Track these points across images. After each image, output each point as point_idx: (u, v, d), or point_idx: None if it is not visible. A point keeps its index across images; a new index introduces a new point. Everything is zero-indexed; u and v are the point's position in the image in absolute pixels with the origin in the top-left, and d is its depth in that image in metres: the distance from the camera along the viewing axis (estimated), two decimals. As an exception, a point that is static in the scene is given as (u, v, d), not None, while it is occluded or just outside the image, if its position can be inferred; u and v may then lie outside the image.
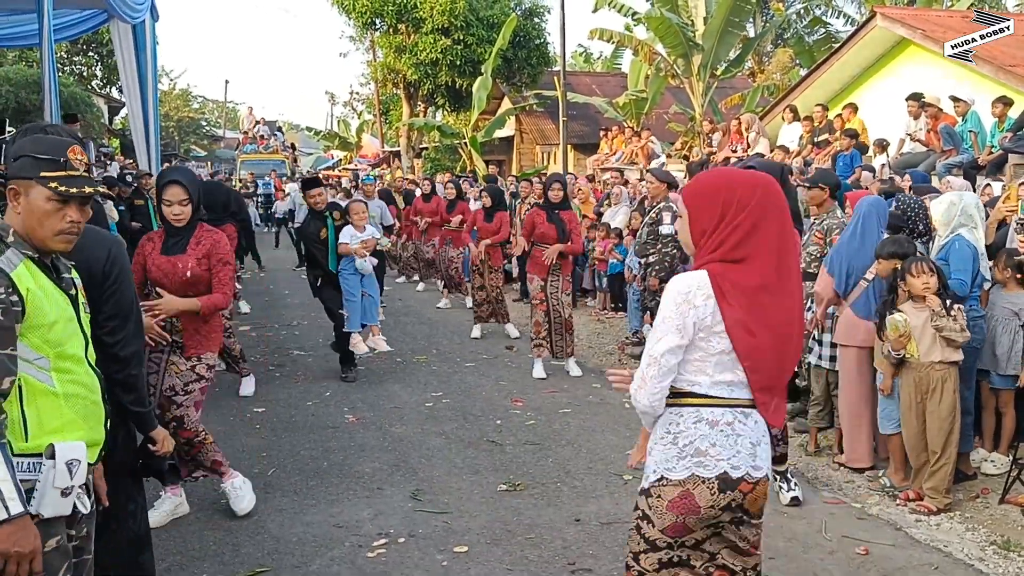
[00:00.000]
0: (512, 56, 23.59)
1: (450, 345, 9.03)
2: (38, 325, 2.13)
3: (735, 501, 2.32)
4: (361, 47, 33.07)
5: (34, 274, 2.15)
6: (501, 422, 6.20)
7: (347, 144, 37.57)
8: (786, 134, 13.15)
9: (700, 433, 2.32)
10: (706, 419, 2.32)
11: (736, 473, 2.30)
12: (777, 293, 2.30)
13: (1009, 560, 4.08)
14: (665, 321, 2.30)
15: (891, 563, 4.00)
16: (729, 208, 2.28)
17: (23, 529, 2.01)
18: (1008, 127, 9.23)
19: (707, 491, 2.29)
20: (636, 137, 16.07)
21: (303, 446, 5.65)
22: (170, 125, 43.49)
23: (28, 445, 2.11)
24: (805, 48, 18.85)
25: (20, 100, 17.32)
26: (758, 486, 2.34)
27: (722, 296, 2.27)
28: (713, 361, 2.32)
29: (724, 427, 2.31)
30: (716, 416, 2.32)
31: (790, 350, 2.39)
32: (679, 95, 20.68)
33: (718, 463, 2.29)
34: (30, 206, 2.20)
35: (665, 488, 2.33)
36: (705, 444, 2.31)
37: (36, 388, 2.15)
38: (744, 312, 2.26)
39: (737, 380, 2.33)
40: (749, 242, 2.28)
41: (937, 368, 4.59)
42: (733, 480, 2.30)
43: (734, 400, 2.34)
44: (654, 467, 2.38)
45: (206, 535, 4.25)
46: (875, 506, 4.75)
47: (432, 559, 3.99)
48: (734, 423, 2.32)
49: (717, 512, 2.33)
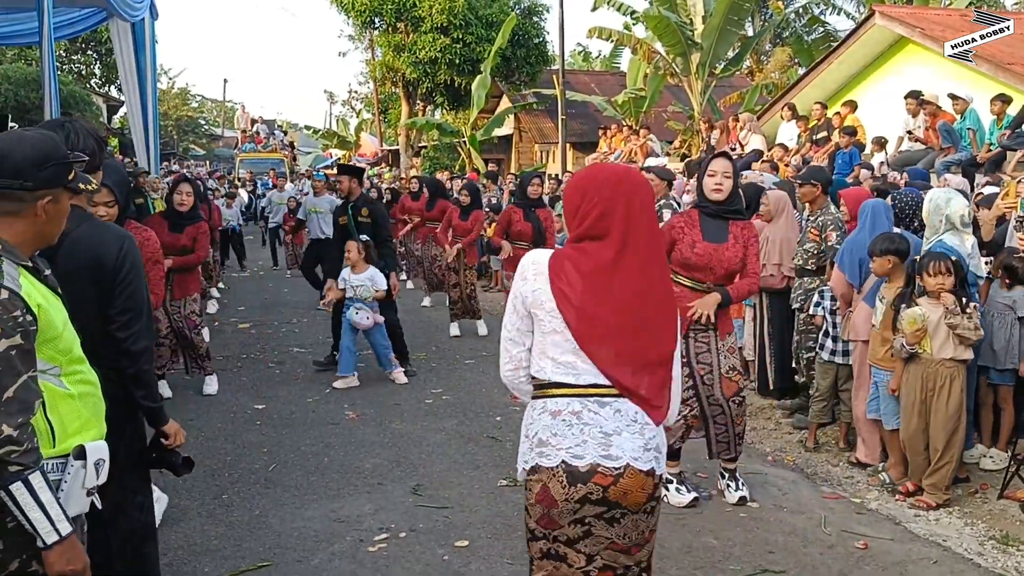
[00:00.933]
0: (511, 55, 23.60)
1: (449, 343, 9.05)
2: (52, 338, 2.13)
3: (593, 494, 2.26)
4: (360, 46, 33.09)
5: (34, 284, 2.12)
6: (501, 419, 6.21)
7: (346, 143, 37.55)
8: (785, 132, 13.17)
9: (544, 423, 2.32)
10: (549, 409, 2.32)
11: (579, 463, 2.25)
12: (622, 271, 2.32)
13: (1008, 554, 4.10)
14: (511, 295, 2.43)
15: (890, 557, 4.01)
16: (584, 196, 2.38)
17: (72, 547, 2.05)
18: (1006, 124, 9.26)
19: (558, 483, 2.27)
20: (635, 136, 16.08)
21: (303, 442, 5.66)
22: (169, 124, 43.48)
23: (56, 450, 2.14)
24: (804, 47, 18.86)
25: (20, 98, 17.34)
26: (623, 478, 2.26)
27: (555, 273, 2.34)
28: (549, 341, 2.33)
29: (568, 416, 2.30)
30: (560, 406, 2.31)
31: (646, 329, 2.33)
32: (678, 94, 20.72)
33: (557, 452, 2.28)
34: (59, 212, 2.20)
35: (530, 480, 2.35)
36: (547, 434, 2.31)
37: (55, 394, 2.16)
38: (580, 288, 2.30)
39: (582, 364, 2.31)
40: (597, 226, 2.35)
41: (947, 365, 4.57)
42: (581, 471, 2.25)
43: (582, 388, 2.31)
44: (519, 460, 2.42)
45: (208, 530, 4.26)
46: (874, 501, 4.77)
47: (433, 553, 4.00)
48: (581, 412, 2.29)
49: (574, 505, 2.27)
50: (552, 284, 2.32)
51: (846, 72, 13.85)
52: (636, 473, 2.26)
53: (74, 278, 2.56)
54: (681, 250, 4.51)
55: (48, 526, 1.99)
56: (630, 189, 2.38)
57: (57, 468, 2.13)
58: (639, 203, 2.37)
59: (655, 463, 2.31)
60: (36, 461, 1.99)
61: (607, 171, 2.47)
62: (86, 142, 2.73)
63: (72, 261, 2.59)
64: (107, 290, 2.66)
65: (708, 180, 4.53)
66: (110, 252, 2.66)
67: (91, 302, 2.64)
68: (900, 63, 13.06)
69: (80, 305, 2.51)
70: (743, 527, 4.34)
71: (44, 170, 2.13)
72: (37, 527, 1.99)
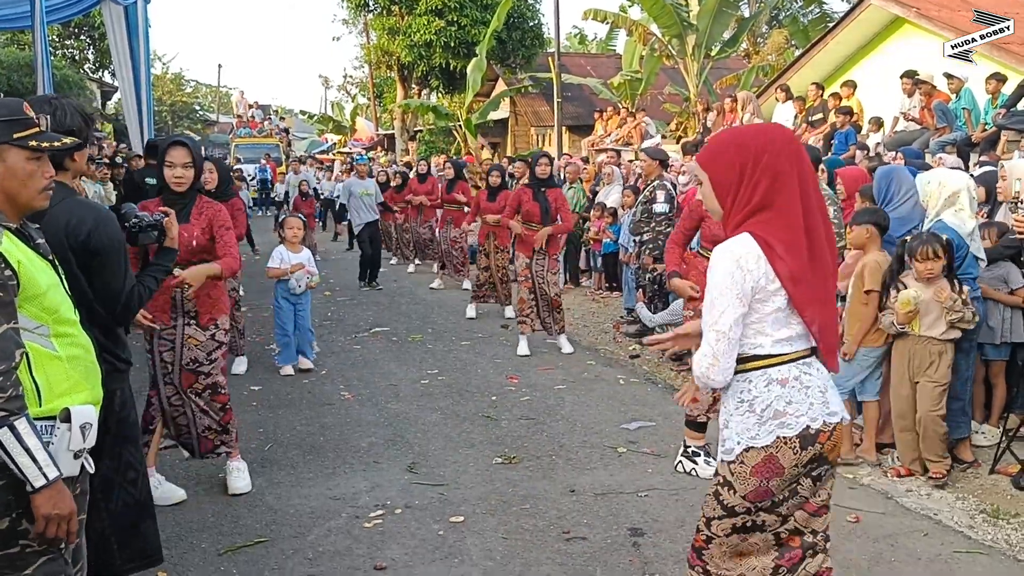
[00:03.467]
0: (506, 37, 23.48)
1: (445, 324, 9.07)
2: (34, 295, 2.16)
3: (816, 454, 2.32)
4: (354, 30, 32.97)
5: (16, 245, 2.16)
6: (496, 398, 6.24)
7: (341, 128, 37.46)
8: (780, 114, 13.16)
9: (775, 394, 2.31)
10: (776, 379, 2.32)
11: (815, 425, 2.30)
12: (810, 233, 2.29)
13: (998, 527, 4.13)
14: (723, 294, 2.28)
15: (881, 530, 4.05)
16: (747, 162, 2.29)
17: (60, 492, 2.09)
18: (1001, 103, 9.26)
19: (790, 451, 2.29)
20: (630, 118, 16.06)
21: (300, 422, 5.68)
22: (164, 109, 43.32)
23: (42, 410, 2.17)
24: (800, 28, 18.82)
25: (13, 83, 17.25)
26: (835, 432, 2.34)
27: (771, 252, 2.27)
28: (770, 320, 2.31)
29: (793, 382, 2.31)
30: (784, 374, 2.31)
31: (830, 287, 2.38)
32: (674, 76, 20.63)
33: (798, 419, 2.29)
34: (10, 170, 2.20)
35: (748, 454, 2.32)
36: (782, 404, 2.30)
37: (42, 355, 2.19)
38: (791, 261, 2.27)
39: (794, 334, 2.34)
40: (773, 191, 2.28)
41: (935, 343, 4.59)
42: (813, 434, 2.30)
43: (795, 354, 2.34)
44: (736, 439, 2.35)
45: (204, 507, 4.28)
46: (867, 476, 4.80)
47: (428, 529, 4.03)
48: (801, 376, 2.32)
49: (800, 470, 2.32)
50: (775, 266, 2.27)
51: (842, 53, 13.83)
52: (841, 425, 2.35)
53: (62, 256, 2.57)
54: (710, 226, 4.71)
55: (36, 471, 2.03)
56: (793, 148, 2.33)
57: (44, 430, 2.16)
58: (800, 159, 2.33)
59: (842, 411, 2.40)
60: (21, 408, 2.03)
61: (756, 136, 2.34)
62: (73, 120, 2.73)
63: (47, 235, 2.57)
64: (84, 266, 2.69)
65: None
66: (82, 224, 2.67)
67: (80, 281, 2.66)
68: (896, 43, 13.04)
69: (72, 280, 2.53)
70: (736, 502, 4.37)
71: None
72: (25, 472, 2.03)
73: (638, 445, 5.21)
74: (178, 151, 4.13)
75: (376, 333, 8.61)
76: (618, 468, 4.82)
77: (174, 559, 3.69)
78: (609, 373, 7.01)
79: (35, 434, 2.04)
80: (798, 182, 2.29)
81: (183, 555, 3.77)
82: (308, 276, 6.97)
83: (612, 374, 6.98)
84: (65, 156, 2.67)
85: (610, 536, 3.94)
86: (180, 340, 4.26)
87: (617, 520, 4.13)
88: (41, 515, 2.07)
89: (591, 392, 6.43)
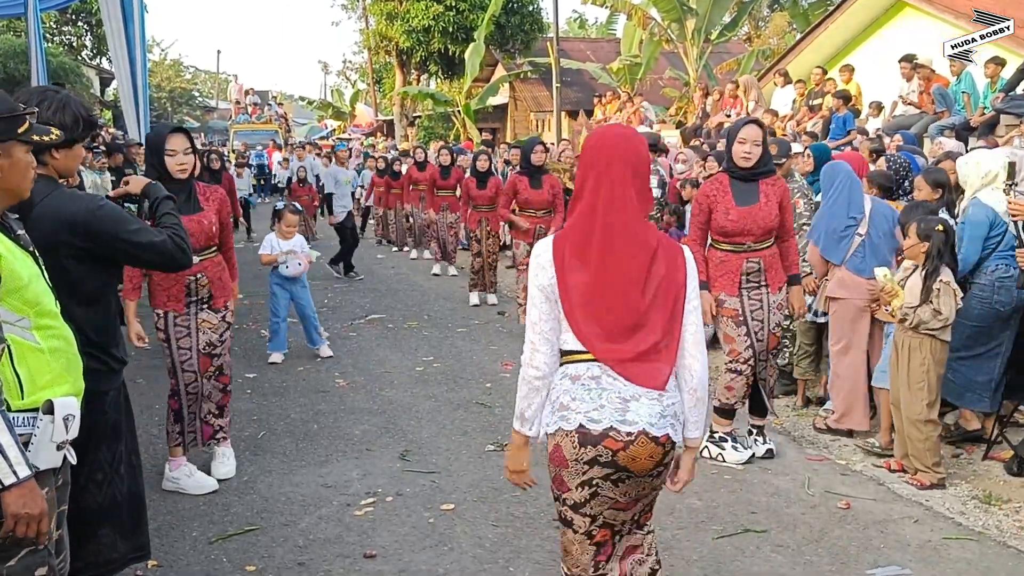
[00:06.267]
0: (505, 22, 23.38)
1: (441, 311, 9.06)
2: (15, 288, 2.14)
3: (602, 457, 2.28)
4: (353, 15, 32.81)
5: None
6: (491, 385, 6.23)
7: (340, 114, 37.34)
8: (779, 98, 13.09)
9: (564, 388, 2.34)
10: (570, 375, 2.35)
11: (595, 427, 2.27)
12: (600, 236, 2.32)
13: (989, 513, 4.13)
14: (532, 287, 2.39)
15: (871, 516, 4.05)
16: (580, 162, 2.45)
17: (31, 491, 2.06)
18: (1000, 87, 9.19)
19: (570, 444, 2.31)
20: (629, 102, 15.98)
21: (293, 409, 5.68)
22: (162, 96, 43.22)
23: (25, 403, 2.16)
24: (800, 11, 18.67)
25: (8, 70, 17.20)
26: (634, 444, 2.27)
27: (559, 254, 2.35)
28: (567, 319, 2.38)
29: (587, 381, 2.32)
30: (579, 371, 2.33)
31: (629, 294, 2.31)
32: (674, 60, 20.53)
33: (576, 416, 2.30)
34: (15, 165, 2.19)
35: (549, 442, 2.38)
36: (567, 398, 2.33)
37: (24, 347, 2.17)
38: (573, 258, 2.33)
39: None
40: (583, 190, 2.38)
41: (911, 334, 4.38)
42: (594, 435, 2.27)
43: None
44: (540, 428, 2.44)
45: (195, 495, 4.28)
46: (859, 463, 4.80)
47: (419, 516, 4.03)
48: (600, 377, 2.31)
49: (583, 466, 2.30)
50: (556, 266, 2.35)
51: (843, 36, 13.73)
52: (647, 441, 2.28)
53: (49, 250, 2.53)
54: (717, 219, 4.63)
55: (6, 468, 2.01)
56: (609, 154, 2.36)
57: (27, 422, 2.15)
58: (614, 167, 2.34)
59: (671, 429, 2.33)
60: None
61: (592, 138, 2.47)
62: (59, 117, 2.63)
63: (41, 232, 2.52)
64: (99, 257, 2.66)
65: (738, 147, 4.59)
66: (80, 211, 2.63)
67: (69, 275, 2.63)
68: (896, 27, 12.95)
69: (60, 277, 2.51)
70: (727, 488, 4.37)
71: None
72: None
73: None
74: (178, 138, 4.07)
75: (372, 320, 8.60)
76: (610, 455, 4.81)
77: (165, 547, 3.70)
78: (604, 360, 7.00)
79: (8, 431, 2.02)
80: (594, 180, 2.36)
81: (174, 543, 3.77)
82: (298, 262, 6.93)
83: (607, 361, 6.97)
84: (46, 150, 2.62)
85: (600, 523, 3.94)
86: (195, 324, 4.33)
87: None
88: (10, 513, 2.04)
89: (586, 379, 6.41)
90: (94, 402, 2.66)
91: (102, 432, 2.78)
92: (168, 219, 2.88)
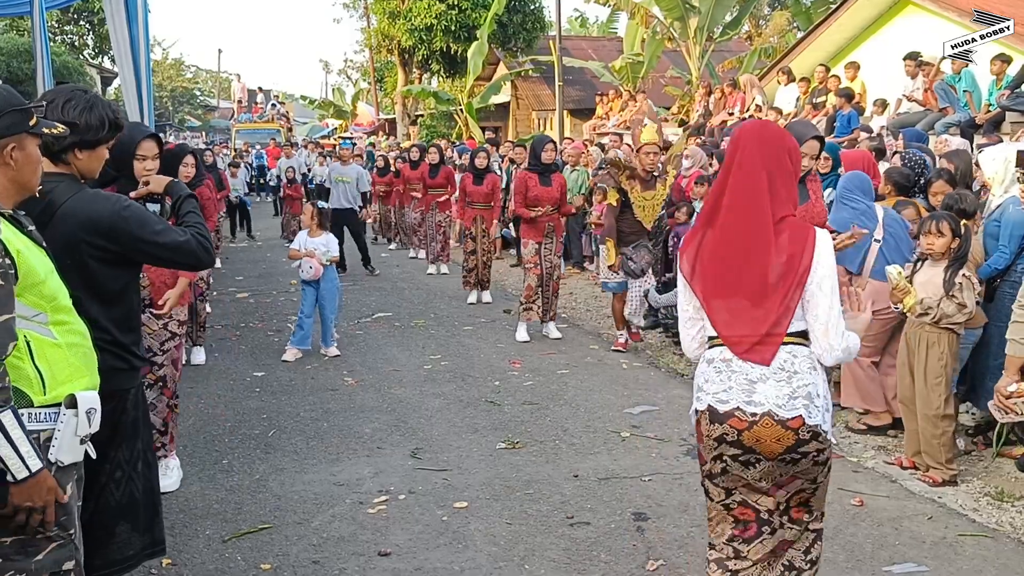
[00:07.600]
0: (507, 21, 23.31)
1: (447, 309, 9.06)
2: (33, 283, 2.15)
3: (728, 435, 2.40)
4: (355, 13, 32.77)
5: (15, 233, 2.14)
6: (500, 383, 6.23)
7: (342, 112, 37.30)
8: (783, 96, 13.08)
9: (700, 371, 2.52)
10: (706, 358, 2.52)
11: (723, 407, 2.40)
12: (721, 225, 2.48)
13: (1002, 510, 4.13)
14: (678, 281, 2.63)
15: (885, 514, 4.05)
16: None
17: (38, 484, 2.08)
18: (1006, 84, 9.19)
19: (704, 420, 2.46)
20: (632, 101, 15.97)
21: (303, 408, 5.68)
22: (164, 95, 43.20)
23: (47, 398, 2.17)
24: (802, 10, 18.64)
25: (12, 69, 17.18)
26: (757, 425, 2.35)
27: (685, 245, 2.58)
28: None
29: (719, 363, 2.46)
30: (713, 354, 2.49)
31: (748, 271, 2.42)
32: (676, 59, 20.52)
33: (706, 396, 2.46)
34: (28, 159, 2.20)
35: (694, 419, 2.54)
36: (702, 380, 2.50)
37: (43, 343, 2.18)
38: (693, 251, 2.53)
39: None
40: (715, 186, 2.57)
41: (927, 329, 4.38)
42: (720, 413, 2.40)
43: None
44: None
45: (208, 494, 4.29)
46: (871, 460, 4.79)
47: (432, 514, 4.03)
48: (732, 360, 2.44)
49: (713, 443, 2.44)
50: (681, 258, 2.59)
51: (845, 34, 13.70)
52: (772, 423, 2.33)
53: (72, 250, 2.54)
54: None
55: (19, 463, 2.03)
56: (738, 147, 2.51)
57: (50, 417, 2.16)
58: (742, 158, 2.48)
59: (804, 411, 2.33)
60: (7, 400, 2.02)
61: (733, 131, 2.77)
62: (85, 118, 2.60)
63: (66, 230, 2.54)
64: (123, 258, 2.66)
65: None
66: (105, 213, 2.61)
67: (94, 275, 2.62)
68: (899, 25, 12.92)
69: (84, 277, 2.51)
70: (740, 486, 4.36)
71: (0, 119, 2.14)
72: (7, 463, 2.02)
73: (641, 429, 5.20)
74: (150, 143, 3.92)
75: (379, 319, 8.60)
76: (621, 453, 4.81)
77: (178, 546, 3.70)
78: (612, 357, 7.00)
79: (20, 426, 2.03)
80: (724, 171, 2.53)
81: (187, 542, 3.78)
82: (311, 266, 6.92)
83: (615, 358, 6.97)
84: (68, 150, 2.61)
85: (614, 521, 3.94)
86: None
87: (621, 505, 4.13)
88: (13, 503, 2.06)
89: (594, 377, 6.42)
90: (118, 401, 2.66)
91: (124, 431, 2.78)
92: (191, 217, 2.87)
